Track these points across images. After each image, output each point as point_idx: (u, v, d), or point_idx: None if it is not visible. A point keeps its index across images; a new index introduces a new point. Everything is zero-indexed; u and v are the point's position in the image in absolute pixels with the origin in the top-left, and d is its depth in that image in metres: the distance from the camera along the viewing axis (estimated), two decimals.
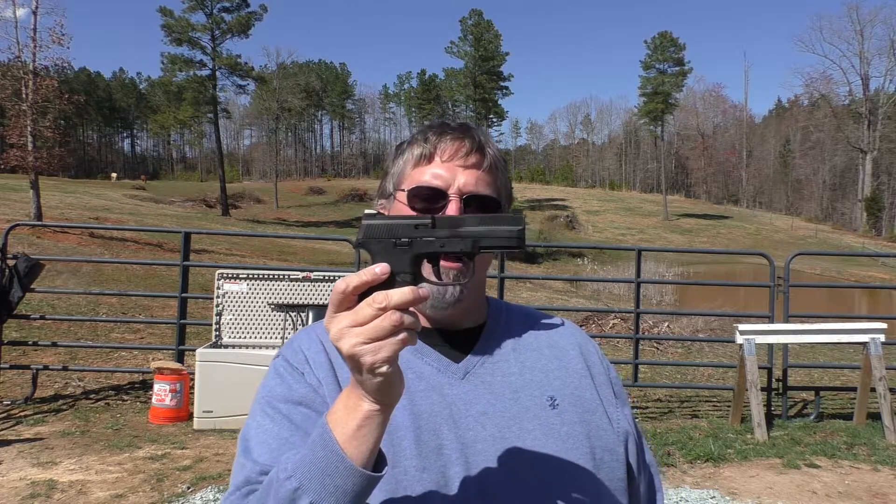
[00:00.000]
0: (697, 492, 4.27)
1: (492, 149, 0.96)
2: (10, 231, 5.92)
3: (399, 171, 0.96)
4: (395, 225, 0.73)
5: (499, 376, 0.93)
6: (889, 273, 33.03)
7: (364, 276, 0.67)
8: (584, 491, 0.88)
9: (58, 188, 35.68)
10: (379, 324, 0.65)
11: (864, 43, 59.22)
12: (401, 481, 0.83)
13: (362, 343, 0.65)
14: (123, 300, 10.27)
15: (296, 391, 0.87)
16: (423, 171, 0.93)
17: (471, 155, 0.93)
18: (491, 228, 0.73)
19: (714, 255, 38.41)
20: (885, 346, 5.75)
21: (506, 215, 0.75)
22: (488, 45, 60.97)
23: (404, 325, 0.65)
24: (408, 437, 0.85)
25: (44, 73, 20.97)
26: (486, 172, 0.94)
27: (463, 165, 0.92)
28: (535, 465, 0.87)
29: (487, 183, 0.94)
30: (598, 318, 10.45)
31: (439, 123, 0.97)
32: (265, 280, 5.67)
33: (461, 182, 0.92)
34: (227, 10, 45.79)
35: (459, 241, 0.73)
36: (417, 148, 0.95)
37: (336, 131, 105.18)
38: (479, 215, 0.75)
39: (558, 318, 1.08)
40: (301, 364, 0.90)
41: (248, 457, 0.83)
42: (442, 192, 0.91)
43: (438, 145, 0.93)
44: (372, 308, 0.65)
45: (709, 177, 79.91)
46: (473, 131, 0.96)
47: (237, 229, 32.05)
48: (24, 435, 4.85)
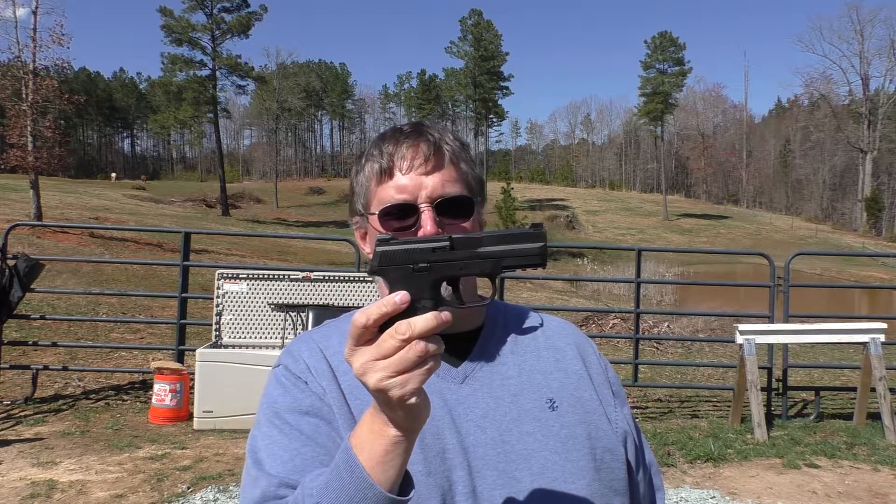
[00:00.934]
0: (697, 492, 4.27)
1: (449, 141, 0.93)
2: (10, 231, 5.93)
3: (363, 189, 0.94)
4: (412, 250, 0.70)
5: (498, 379, 0.93)
6: (889, 273, 33.03)
7: (384, 308, 0.64)
8: (586, 492, 0.88)
9: (58, 188, 35.68)
10: (404, 355, 0.63)
11: (864, 43, 59.30)
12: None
13: (389, 377, 0.63)
14: (123, 300, 10.27)
15: (301, 401, 0.86)
16: (387, 187, 0.90)
17: (429, 159, 0.90)
18: (513, 248, 0.71)
19: (714, 255, 38.42)
20: (885, 346, 5.74)
21: (527, 231, 0.72)
22: (488, 45, 61.01)
23: (430, 353, 0.64)
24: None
25: (44, 73, 20.98)
26: (450, 169, 0.92)
27: (424, 172, 0.90)
28: (536, 468, 0.87)
29: (455, 180, 0.92)
30: (598, 318, 10.45)
31: (392, 131, 0.94)
32: (265, 280, 5.67)
33: (428, 189, 0.89)
34: (228, 10, 45.84)
35: (480, 262, 0.70)
36: (375, 163, 0.92)
37: (336, 131, 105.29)
38: (498, 232, 0.72)
39: (556, 318, 1.08)
40: (303, 373, 0.89)
41: (261, 469, 0.81)
42: (411, 205, 0.89)
43: (395, 157, 0.90)
44: (396, 340, 0.63)
45: (709, 177, 79.90)
46: (426, 130, 0.93)
47: (237, 229, 32.06)
48: (24, 435, 4.85)
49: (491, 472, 0.86)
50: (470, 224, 0.92)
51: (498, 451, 0.87)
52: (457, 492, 0.83)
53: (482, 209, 0.97)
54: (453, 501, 0.83)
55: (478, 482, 0.85)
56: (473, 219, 0.93)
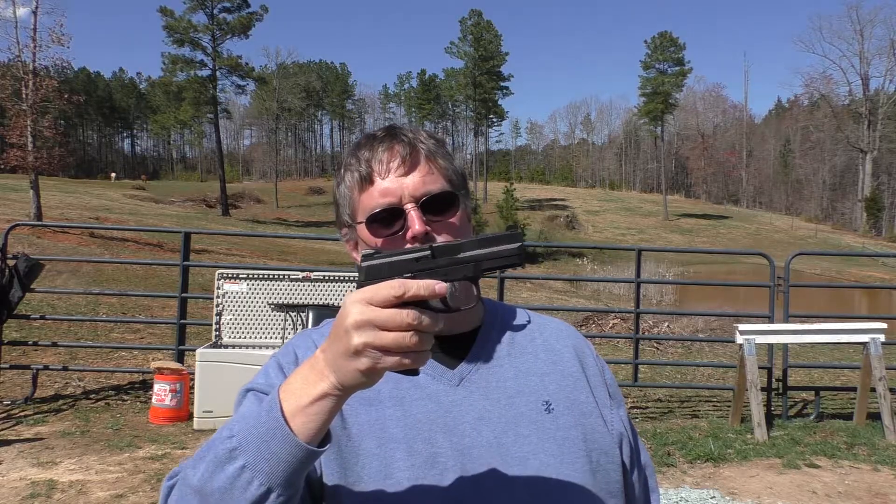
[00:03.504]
0: (697, 492, 4.27)
1: (423, 140, 0.94)
2: (10, 231, 5.92)
3: (347, 200, 0.95)
4: (395, 262, 0.72)
5: (494, 382, 0.93)
6: (889, 273, 33.04)
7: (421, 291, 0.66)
8: (581, 494, 0.88)
9: (58, 188, 35.69)
10: (395, 316, 0.64)
11: (864, 43, 59.29)
12: (395, 493, 0.82)
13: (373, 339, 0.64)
14: (123, 300, 10.27)
15: (275, 385, 0.86)
16: (370, 194, 0.91)
17: (406, 160, 0.91)
18: (491, 250, 0.74)
19: (714, 255, 38.40)
20: (885, 346, 5.74)
21: (504, 234, 0.75)
22: (488, 45, 60.94)
23: (422, 326, 0.65)
24: (400, 448, 0.85)
25: (44, 73, 21.00)
26: (428, 166, 0.92)
27: (404, 173, 0.90)
28: (532, 470, 0.87)
29: (435, 176, 0.92)
30: (598, 318, 10.45)
31: (366, 138, 0.95)
32: (265, 280, 5.67)
33: (409, 189, 0.89)
34: (228, 10, 45.82)
35: (461, 267, 0.73)
36: (354, 172, 0.92)
37: (336, 131, 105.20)
38: (477, 237, 0.75)
39: (553, 320, 1.08)
40: (289, 365, 0.90)
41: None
42: (396, 207, 0.90)
43: (373, 163, 0.91)
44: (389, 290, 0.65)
45: (709, 177, 79.92)
46: (399, 131, 0.94)
47: (237, 229, 32.07)
48: (24, 435, 4.85)
49: (487, 474, 0.85)
50: (457, 218, 0.92)
51: (493, 453, 0.87)
52: (449, 496, 0.83)
53: (468, 201, 0.97)
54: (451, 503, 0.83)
55: (473, 485, 0.84)
56: (460, 212, 0.93)
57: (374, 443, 0.85)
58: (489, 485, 0.85)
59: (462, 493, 0.83)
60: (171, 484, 0.78)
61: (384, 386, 0.87)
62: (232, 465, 0.69)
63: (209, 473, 0.70)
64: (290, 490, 0.69)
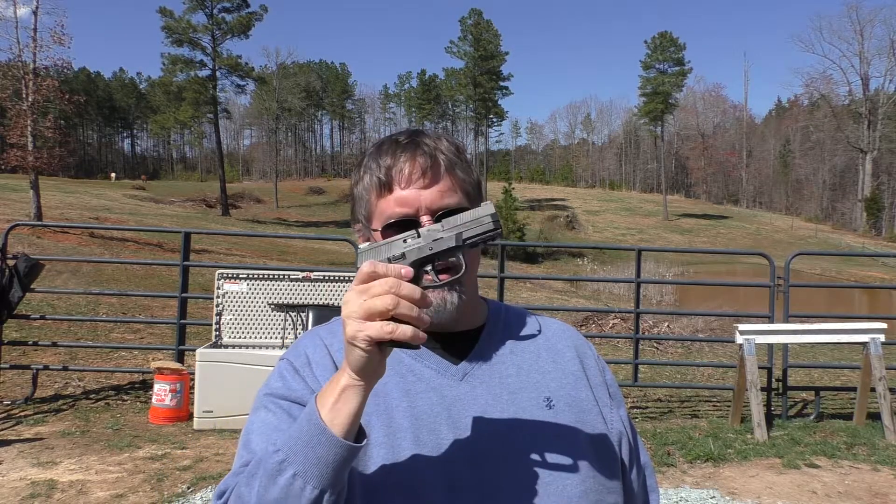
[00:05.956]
0: (697, 492, 4.28)
1: (444, 150, 0.95)
2: (10, 231, 5.92)
3: (364, 199, 0.96)
4: (389, 244, 0.81)
5: (496, 378, 0.95)
6: (889, 273, 33.05)
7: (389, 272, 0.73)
8: (580, 491, 0.90)
9: (58, 188, 35.68)
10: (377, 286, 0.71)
11: (864, 43, 59.27)
12: (401, 480, 0.85)
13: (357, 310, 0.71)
14: (123, 300, 10.27)
15: (295, 390, 0.90)
16: (387, 201, 0.93)
17: (427, 173, 0.92)
18: (469, 220, 0.81)
19: (714, 255, 38.42)
20: (885, 346, 5.74)
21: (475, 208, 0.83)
22: (488, 44, 60.89)
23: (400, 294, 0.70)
24: (407, 437, 0.87)
25: (44, 73, 20.96)
26: (447, 180, 0.93)
27: (423, 186, 0.92)
28: (531, 465, 0.89)
29: (452, 190, 0.93)
30: (598, 318, 10.45)
31: (389, 143, 0.96)
32: (265, 280, 5.67)
33: (427, 202, 0.91)
34: (228, 10, 45.81)
35: (444, 240, 0.80)
36: (374, 176, 0.94)
37: (336, 131, 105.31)
38: (453, 216, 0.82)
39: (555, 320, 1.10)
40: (303, 366, 0.93)
41: (248, 448, 0.86)
42: (412, 218, 0.91)
43: (393, 171, 0.92)
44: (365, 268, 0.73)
45: (709, 177, 79.89)
46: (422, 141, 0.94)
47: (237, 229, 32.06)
48: (24, 435, 4.85)
49: (489, 466, 0.87)
50: None
51: (495, 446, 0.89)
52: (455, 485, 0.85)
53: None
54: (456, 491, 0.85)
55: (476, 476, 0.86)
56: None
57: (381, 431, 0.88)
58: (491, 477, 0.87)
59: (465, 484, 0.86)
60: (223, 502, 0.81)
61: (391, 379, 0.90)
62: (283, 476, 0.73)
63: (263, 489, 0.75)
64: (339, 487, 0.75)
